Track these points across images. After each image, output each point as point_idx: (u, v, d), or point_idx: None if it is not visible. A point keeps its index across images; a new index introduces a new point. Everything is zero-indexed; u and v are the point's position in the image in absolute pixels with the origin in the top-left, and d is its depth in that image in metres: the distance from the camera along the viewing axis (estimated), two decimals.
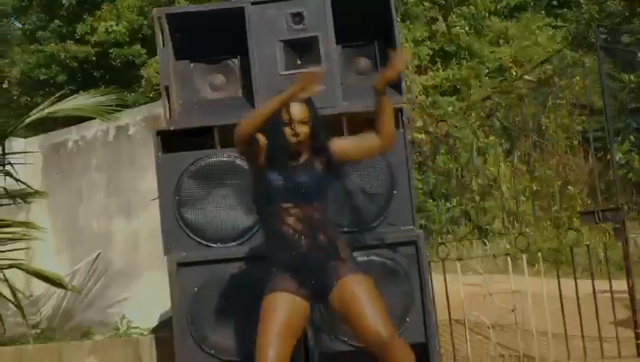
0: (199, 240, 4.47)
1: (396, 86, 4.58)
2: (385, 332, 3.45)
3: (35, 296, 7.47)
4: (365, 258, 4.33)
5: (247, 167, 4.04)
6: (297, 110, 3.57)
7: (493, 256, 6.53)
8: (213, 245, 4.47)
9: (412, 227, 4.48)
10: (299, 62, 4.63)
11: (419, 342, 4.31)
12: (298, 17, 4.60)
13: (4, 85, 16.94)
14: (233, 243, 4.47)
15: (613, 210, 5.35)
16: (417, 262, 4.39)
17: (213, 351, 4.36)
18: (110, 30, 14.96)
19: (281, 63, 4.59)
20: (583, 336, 5.53)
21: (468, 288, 6.04)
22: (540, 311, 5.78)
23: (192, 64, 4.78)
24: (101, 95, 5.91)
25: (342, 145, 3.71)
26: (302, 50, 4.63)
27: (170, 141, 4.58)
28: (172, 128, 4.58)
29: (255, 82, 4.58)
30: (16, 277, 6.58)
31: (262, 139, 3.59)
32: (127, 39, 15.10)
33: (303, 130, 3.59)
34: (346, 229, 4.34)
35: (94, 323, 7.54)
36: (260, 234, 4.10)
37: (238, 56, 4.76)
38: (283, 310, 3.49)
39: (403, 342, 3.55)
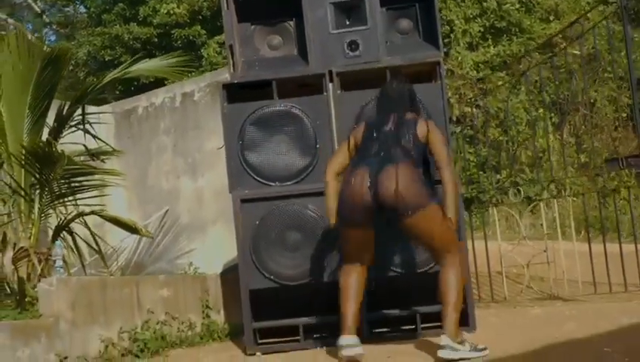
0: (260, 179, 5.11)
1: (434, 41, 5.15)
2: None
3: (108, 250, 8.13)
4: None
5: (300, 115, 4.99)
6: None
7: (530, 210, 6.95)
8: (272, 184, 5.09)
9: None
10: (347, 22, 5.25)
11: None
12: None
13: (71, 66, 17.70)
14: (289, 183, 5.09)
15: (636, 157, 5.74)
16: None
17: (271, 276, 4.99)
18: (172, 12, 15.48)
19: (332, 23, 5.21)
20: (608, 275, 5.92)
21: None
22: (571, 262, 6.24)
23: (252, 26, 5.40)
24: (171, 58, 6.52)
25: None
26: (350, 11, 5.23)
27: (234, 93, 5.20)
28: (236, 82, 5.20)
29: (308, 41, 5.20)
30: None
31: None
32: (188, 20, 15.58)
33: None
34: None
35: (164, 273, 8.19)
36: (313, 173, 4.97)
37: (294, 19, 5.36)
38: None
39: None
